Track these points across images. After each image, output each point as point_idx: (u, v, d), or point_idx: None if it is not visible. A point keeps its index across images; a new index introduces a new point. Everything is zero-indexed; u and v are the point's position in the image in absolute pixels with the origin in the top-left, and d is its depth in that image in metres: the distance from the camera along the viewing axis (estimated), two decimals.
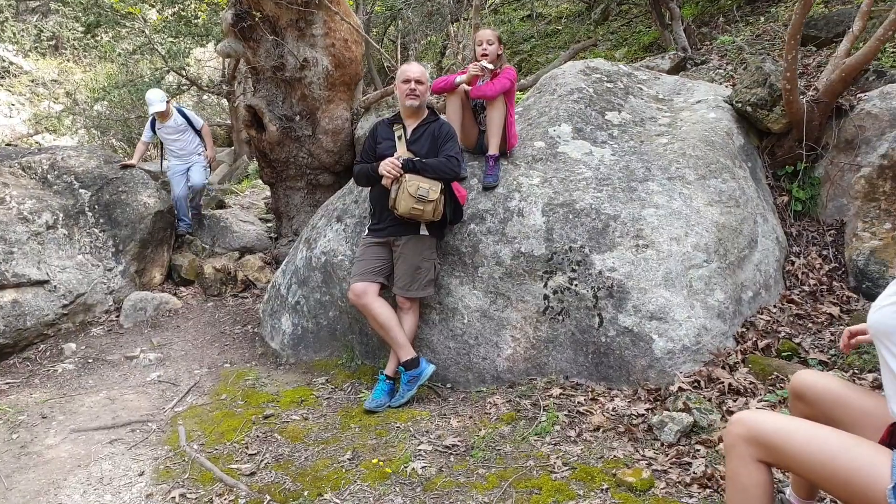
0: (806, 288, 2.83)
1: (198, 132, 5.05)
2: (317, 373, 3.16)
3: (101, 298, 4.15)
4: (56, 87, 12.85)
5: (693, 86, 3.86)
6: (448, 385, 2.82)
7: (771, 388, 2.28)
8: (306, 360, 3.30)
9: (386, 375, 2.70)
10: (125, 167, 4.74)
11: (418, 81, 2.65)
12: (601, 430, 2.20)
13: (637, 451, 2.06)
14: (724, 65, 4.56)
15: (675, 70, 4.80)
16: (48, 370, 3.48)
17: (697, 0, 6.97)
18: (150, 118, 5.01)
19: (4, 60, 13.13)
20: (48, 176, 4.40)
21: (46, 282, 3.88)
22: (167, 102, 4.90)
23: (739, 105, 3.37)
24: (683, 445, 2.05)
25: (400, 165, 2.55)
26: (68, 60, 13.60)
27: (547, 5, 9.78)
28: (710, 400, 2.23)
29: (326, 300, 3.24)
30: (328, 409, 2.71)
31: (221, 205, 6.60)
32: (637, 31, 7.24)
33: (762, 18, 5.37)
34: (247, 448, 2.39)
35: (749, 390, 2.27)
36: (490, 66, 2.82)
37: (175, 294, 4.51)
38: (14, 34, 13.33)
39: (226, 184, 8.04)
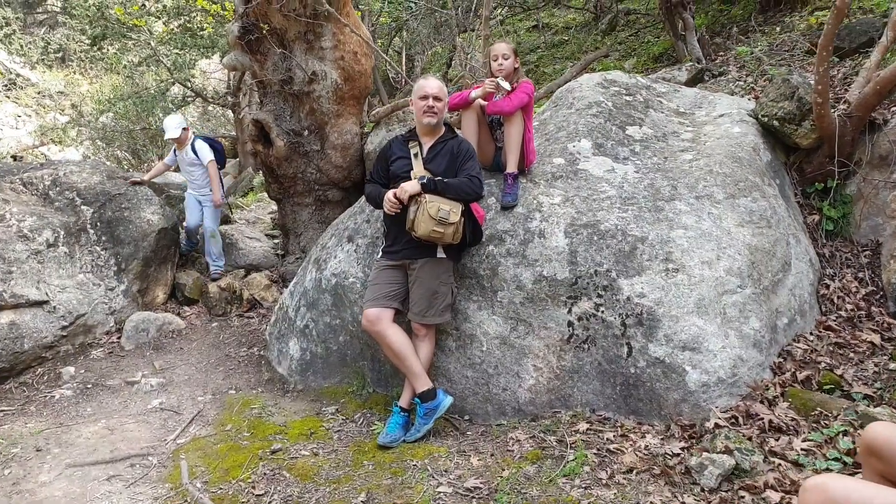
0: (843, 313, 2.68)
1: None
2: (326, 401, 3.02)
3: (101, 319, 4.02)
4: (62, 98, 12.89)
5: (714, 99, 3.74)
6: (466, 417, 2.67)
7: (815, 425, 2.12)
8: (315, 386, 3.16)
9: (400, 407, 2.55)
10: (135, 184, 4.58)
11: (436, 98, 2.53)
12: (634, 471, 2.05)
13: (675, 496, 1.90)
14: (744, 76, 4.44)
15: (693, 82, 4.68)
16: (45, 396, 3.34)
17: (707, 10, 6.88)
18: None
19: (12, 72, 13.19)
20: (50, 192, 4.29)
21: (45, 302, 3.75)
22: (185, 129, 4.60)
23: (765, 119, 3.24)
24: (726, 491, 1.89)
25: (404, 198, 2.40)
26: (75, 72, 13.66)
27: (553, 16, 9.74)
28: (750, 438, 2.07)
29: (337, 324, 3.11)
30: (339, 444, 2.56)
31: (227, 220, 6.48)
32: (646, 42, 7.15)
33: (778, 28, 5.26)
34: (253, 488, 2.25)
35: (791, 428, 2.11)
36: (507, 87, 2.69)
37: (179, 314, 4.37)
38: (21, 46, 13.42)
39: (230, 197, 7.94)
